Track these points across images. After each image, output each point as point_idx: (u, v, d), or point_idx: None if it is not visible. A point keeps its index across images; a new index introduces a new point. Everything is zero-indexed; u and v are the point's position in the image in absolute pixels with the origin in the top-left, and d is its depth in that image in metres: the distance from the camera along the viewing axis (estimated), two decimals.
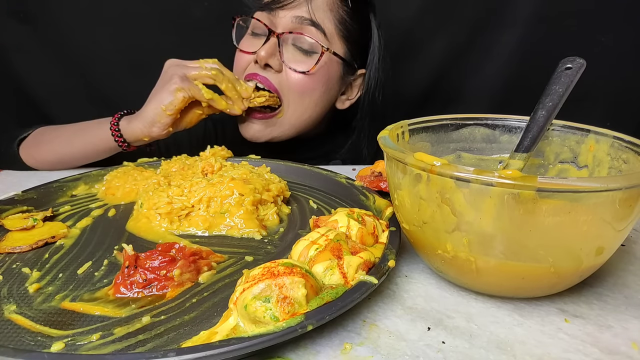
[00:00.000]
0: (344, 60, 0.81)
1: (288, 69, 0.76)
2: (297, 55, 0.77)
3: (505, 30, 1.11)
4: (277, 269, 0.35)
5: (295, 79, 0.77)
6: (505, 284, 0.38)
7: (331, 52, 0.77)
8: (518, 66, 1.13)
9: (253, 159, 0.73)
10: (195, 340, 0.33)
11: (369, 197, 0.58)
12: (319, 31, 0.75)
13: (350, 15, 0.79)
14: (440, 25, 1.12)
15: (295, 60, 0.77)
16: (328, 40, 0.77)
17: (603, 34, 1.09)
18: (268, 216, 0.56)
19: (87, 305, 0.39)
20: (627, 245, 0.49)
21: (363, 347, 0.34)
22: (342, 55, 0.80)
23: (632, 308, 0.39)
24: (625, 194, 0.32)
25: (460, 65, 1.16)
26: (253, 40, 0.79)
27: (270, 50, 0.74)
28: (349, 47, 0.81)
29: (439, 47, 1.14)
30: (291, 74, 0.76)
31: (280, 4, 0.74)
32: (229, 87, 0.72)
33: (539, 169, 0.51)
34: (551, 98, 0.45)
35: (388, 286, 0.42)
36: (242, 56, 0.80)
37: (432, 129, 0.51)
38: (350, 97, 0.88)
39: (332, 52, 0.78)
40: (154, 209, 0.54)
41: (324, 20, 0.76)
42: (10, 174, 0.79)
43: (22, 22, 1.08)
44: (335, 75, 0.81)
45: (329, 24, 0.76)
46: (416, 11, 1.11)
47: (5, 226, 0.52)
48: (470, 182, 0.33)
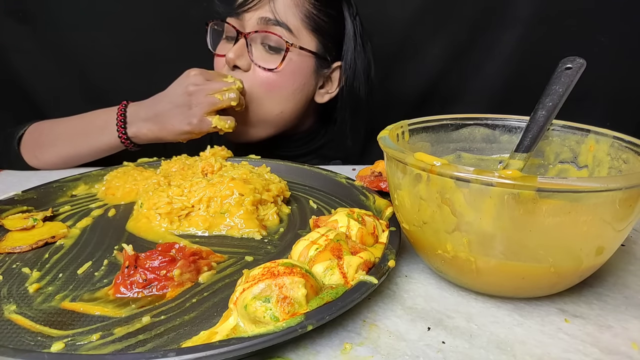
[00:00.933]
0: (315, 54, 0.81)
1: (257, 68, 0.78)
2: (265, 54, 0.78)
3: (505, 30, 1.11)
4: (277, 269, 0.35)
5: (263, 76, 0.78)
6: (505, 284, 0.38)
7: (297, 47, 0.78)
8: (518, 66, 1.13)
9: (253, 159, 0.73)
10: (195, 340, 0.33)
11: (369, 197, 0.58)
12: (284, 28, 0.77)
13: (318, 9, 0.80)
14: (440, 25, 1.12)
15: (263, 58, 0.78)
16: (295, 36, 0.78)
17: (603, 34, 1.09)
18: (268, 216, 0.56)
19: (87, 305, 0.39)
20: (627, 245, 0.49)
21: (363, 347, 0.34)
22: (313, 49, 0.81)
23: (632, 308, 0.39)
24: (625, 194, 0.32)
25: (460, 65, 1.16)
26: (226, 45, 0.82)
27: (238, 52, 0.77)
28: (321, 40, 0.82)
29: (438, 47, 1.14)
30: (259, 72, 0.78)
31: (245, 7, 0.77)
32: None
33: (539, 169, 0.51)
34: (551, 98, 0.45)
35: (388, 286, 0.42)
36: (219, 60, 0.84)
37: (432, 129, 0.51)
38: (330, 91, 0.88)
39: (298, 47, 0.78)
40: (154, 209, 0.54)
41: (288, 17, 0.77)
42: (11, 173, 0.79)
43: (20, 21, 1.08)
44: (307, 70, 0.81)
45: (294, 20, 0.78)
46: (416, 10, 1.11)
47: (5, 226, 0.52)
48: (470, 182, 0.33)
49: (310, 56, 0.81)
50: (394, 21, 1.12)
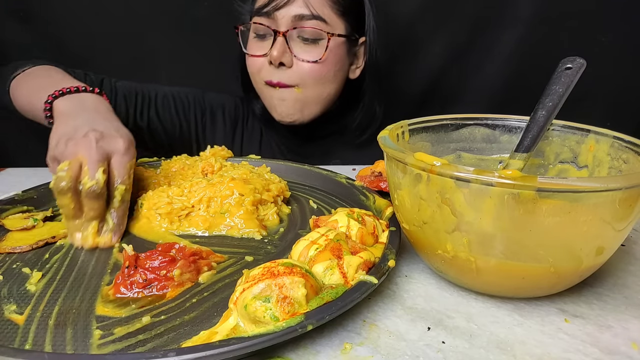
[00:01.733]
0: (348, 37, 0.84)
1: (300, 62, 0.80)
2: (305, 47, 0.80)
3: (505, 30, 1.11)
4: (277, 269, 0.35)
5: (309, 68, 0.81)
6: (505, 284, 0.38)
7: (336, 36, 0.81)
8: (518, 66, 1.13)
9: (253, 159, 0.73)
10: (195, 340, 0.33)
11: (369, 197, 0.58)
12: (319, 21, 0.79)
13: None
14: (441, 25, 1.12)
15: (304, 51, 0.80)
16: (329, 25, 0.80)
17: (603, 34, 1.09)
18: (268, 216, 0.56)
19: (87, 304, 0.39)
20: (627, 245, 0.49)
21: (363, 347, 0.34)
22: (345, 33, 0.83)
23: (632, 308, 0.39)
24: (625, 194, 0.32)
25: (460, 65, 1.15)
26: (259, 43, 0.82)
27: (281, 49, 0.78)
28: (348, 21, 0.84)
29: (439, 47, 1.14)
30: (304, 65, 0.80)
31: (277, 6, 0.77)
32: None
33: (539, 169, 0.51)
34: (551, 98, 0.45)
35: (388, 286, 0.42)
36: (254, 60, 0.84)
37: (432, 129, 0.51)
38: (359, 65, 0.92)
39: (337, 35, 0.81)
40: (154, 209, 0.54)
41: (321, 8, 0.79)
42: (11, 173, 0.79)
43: (22, 21, 1.08)
44: (343, 53, 0.85)
45: (326, 10, 0.80)
46: (416, 10, 1.11)
47: (6, 226, 0.52)
48: (470, 182, 0.33)
49: (344, 40, 0.84)
50: (394, 21, 1.12)
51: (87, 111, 0.59)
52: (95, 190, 0.49)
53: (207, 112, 0.94)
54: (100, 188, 0.49)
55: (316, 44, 0.80)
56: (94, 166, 0.50)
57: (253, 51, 0.83)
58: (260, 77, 0.84)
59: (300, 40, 0.80)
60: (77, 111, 0.59)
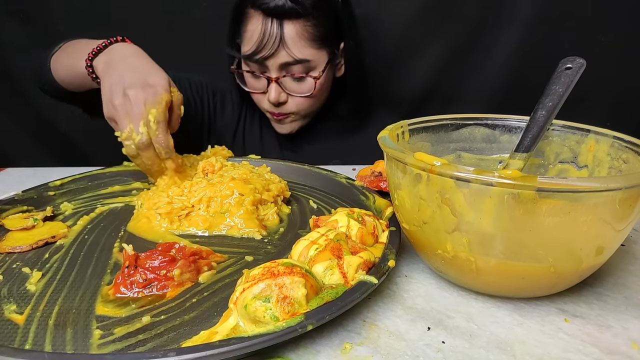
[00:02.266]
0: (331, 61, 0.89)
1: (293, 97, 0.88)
2: (296, 85, 0.87)
3: (505, 30, 1.11)
4: (277, 268, 0.35)
5: (302, 101, 0.89)
6: (505, 284, 0.38)
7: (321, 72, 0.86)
8: (518, 66, 1.13)
9: (253, 159, 0.73)
10: (195, 340, 0.33)
11: (369, 197, 0.58)
12: (304, 64, 0.84)
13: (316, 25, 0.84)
14: (440, 25, 1.12)
15: (297, 89, 0.88)
16: (314, 61, 0.85)
17: (603, 34, 1.09)
18: (268, 216, 0.56)
19: (87, 304, 0.39)
20: (627, 245, 0.49)
21: (363, 347, 0.34)
22: (328, 59, 0.88)
23: (632, 308, 0.39)
24: (625, 194, 0.32)
25: (460, 65, 1.15)
26: (255, 81, 0.89)
27: (277, 92, 0.86)
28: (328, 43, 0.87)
29: (439, 47, 1.14)
30: (298, 99, 0.88)
31: (263, 57, 0.83)
32: None
33: (539, 169, 0.51)
34: (551, 98, 0.45)
35: (388, 286, 0.42)
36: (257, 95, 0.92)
37: (432, 129, 0.51)
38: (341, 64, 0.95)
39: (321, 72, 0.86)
40: (154, 209, 0.54)
41: (302, 51, 0.83)
42: (11, 173, 0.79)
43: (22, 22, 1.08)
44: (328, 73, 0.90)
45: (307, 51, 0.84)
46: (416, 10, 1.11)
47: (6, 226, 0.52)
48: (470, 182, 0.33)
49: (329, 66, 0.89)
50: (394, 21, 1.12)
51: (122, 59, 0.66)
52: (143, 141, 0.58)
53: (217, 93, 1.00)
54: (147, 138, 0.58)
55: (302, 81, 0.87)
56: (136, 122, 0.58)
57: (252, 88, 0.91)
58: (264, 107, 0.92)
59: (291, 80, 0.86)
60: (114, 62, 0.66)
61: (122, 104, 0.59)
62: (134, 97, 0.59)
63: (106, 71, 0.65)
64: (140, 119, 0.58)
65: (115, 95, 0.60)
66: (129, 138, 0.59)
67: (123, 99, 0.60)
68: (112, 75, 0.63)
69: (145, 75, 0.62)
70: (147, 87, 0.60)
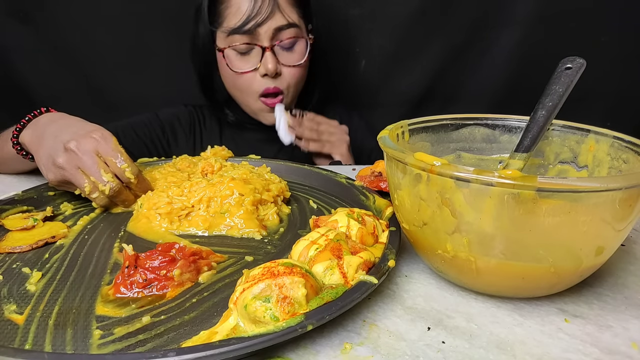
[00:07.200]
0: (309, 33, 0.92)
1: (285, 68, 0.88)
2: (288, 55, 0.88)
3: (505, 29, 1.11)
4: (277, 268, 0.35)
5: (293, 73, 0.89)
6: (505, 284, 0.38)
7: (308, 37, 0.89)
8: (518, 66, 1.13)
9: (253, 159, 0.73)
10: (195, 340, 0.33)
11: (369, 197, 0.58)
12: (294, 27, 0.86)
13: None
14: (440, 25, 1.12)
15: (289, 59, 0.88)
16: (299, 27, 0.87)
17: (603, 34, 1.09)
18: (268, 216, 0.56)
19: (87, 304, 0.39)
20: (627, 245, 0.49)
21: (363, 347, 0.34)
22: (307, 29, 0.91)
23: (632, 308, 0.39)
24: (625, 194, 0.32)
25: (460, 64, 1.15)
26: (243, 60, 0.88)
27: (273, 61, 0.86)
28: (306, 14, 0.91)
29: (438, 47, 1.14)
30: (290, 71, 0.89)
31: (258, 22, 0.82)
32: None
33: (539, 169, 0.51)
34: (551, 98, 0.45)
35: (388, 286, 0.42)
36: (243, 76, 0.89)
37: (432, 129, 0.51)
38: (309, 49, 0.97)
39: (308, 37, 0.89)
40: (154, 209, 0.54)
41: (291, 15, 0.85)
42: (11, 173, 0.78)
43: (22, 22, 1.08)
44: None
45: (294, 15, 0.86)
46: (416, 10, 1.11)
47: (5, 226, 0.52)
48: (470, 182, 0.33)
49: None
50: (393, 21, 1.12)
51: (51, 123, 0.61)
52: (114, 188, 0.55)
53: (166, 128, 1.00)
54: (117, 183, 0.56)
55: (292, 50, 0.88)
56: (97, 173, 0.55)
57: (241, 69, 0.88)
58: (254, 90, 0.89)
59: (282, 50, 0.87)
60: (43, 129, 0.61)
61: (67, 160, 0.54)
62: (78, 148, 0.54)
63: (36, 141, 0.60)
64: (99, 167, 0.54)
65: (56, 154, 0.55)
66: (94, 191, 0.55)
67: (67, 155, 0.55)
68: (44, 141, 0.58)
69: (81, 128, 0.57)
70: (88, 136, 0.55)
